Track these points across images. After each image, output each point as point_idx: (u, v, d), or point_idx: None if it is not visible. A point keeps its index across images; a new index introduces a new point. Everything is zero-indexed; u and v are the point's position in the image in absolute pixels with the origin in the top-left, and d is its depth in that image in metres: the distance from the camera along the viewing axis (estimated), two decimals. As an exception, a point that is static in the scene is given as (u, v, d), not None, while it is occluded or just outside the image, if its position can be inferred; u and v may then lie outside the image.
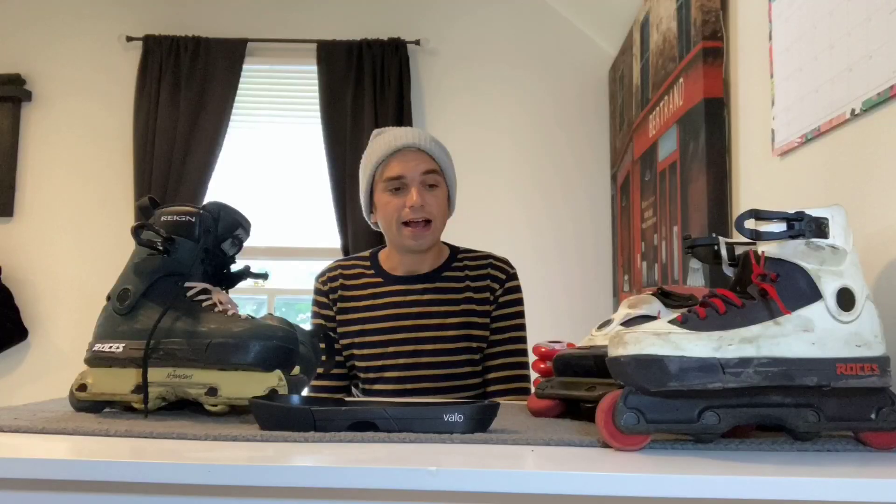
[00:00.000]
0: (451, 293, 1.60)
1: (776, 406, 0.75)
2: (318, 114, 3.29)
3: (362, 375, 1.62)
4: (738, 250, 0.88)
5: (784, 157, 1.43)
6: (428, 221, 1.55)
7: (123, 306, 1.02)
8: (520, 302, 1.65)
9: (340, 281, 1.66)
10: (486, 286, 1.62)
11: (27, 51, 3.41)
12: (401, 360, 1.57)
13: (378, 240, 3.15)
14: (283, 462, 0.66)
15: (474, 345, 1.59)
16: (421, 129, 1.61)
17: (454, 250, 1.68)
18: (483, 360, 1.61)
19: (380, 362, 1.58)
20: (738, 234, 0.79)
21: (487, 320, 1.61)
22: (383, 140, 1.59)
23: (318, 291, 1.68)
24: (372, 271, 1.66)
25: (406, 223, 1.54)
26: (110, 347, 1.00)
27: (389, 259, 1.66)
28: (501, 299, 1.62)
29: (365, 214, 1.68)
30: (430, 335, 1.57)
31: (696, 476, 0.62)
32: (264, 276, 1.15)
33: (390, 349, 1.58)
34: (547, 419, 1.03)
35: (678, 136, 2.13)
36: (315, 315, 1.68)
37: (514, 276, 1.66)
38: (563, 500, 0.67)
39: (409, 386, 1.57)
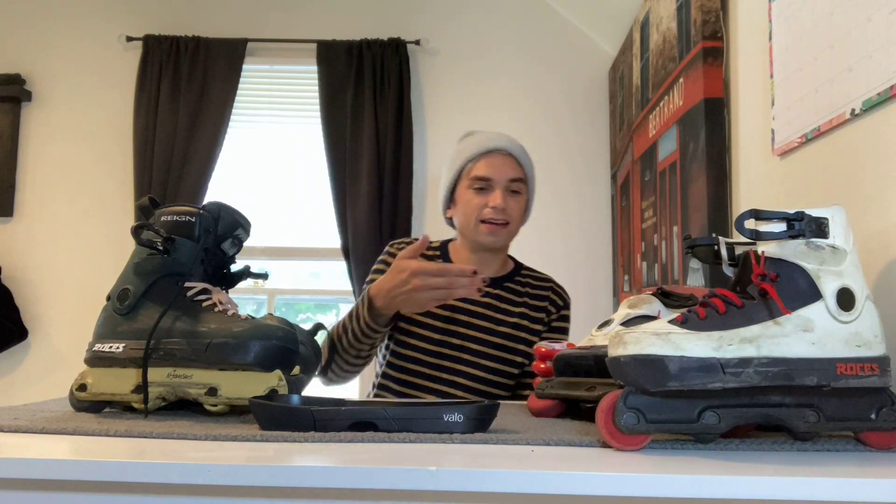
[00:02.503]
0: (509, 304, 1.63)
1: (776, 406, 0.75)
2: (318, 114, 3.29)
3: (401, 351, 1.60)
4: (738, 250, 0.88)
5: (784, 157, 1.43)
6: (505, 223, 1.59)
7: (123, 306, 1.02)
8: (567, 331, 1.71)
9: None
10: (544, 307, 1.66)
11: (27, 51, 3.41)
12: (444, 349, 1.58)
13: (379, 240, 3.15)
14: (283, 462, 0.66)
15: (518, 358, 1.61)
16: (512, 136, 1.65)
17: (518, 265, 1.72)
18: (520, 375, 1.63)
19: (424, 344, 1.59)
20: (738, 234, 0.79)
21: (536, 339, 1.64)
22: (475, 140, 1.63)
23: (390, 255, 1.67)
24: (440, 261, 1.67)
25: (483, 221, 1.58)
26: (110, 347, 1.00)
27: (458, 255, 1.67)
28: (554, 324, 1.67)
29: (442, 209, 1.70)
30: (479, 336, 1.59)
31: (696, 476, 0.62)
32: (264, 276, 1.15)
33: (436, 336, 1.58)
34: (547, 419, 1.03)
35: (678, 136, 2.13)
36: (377, 272, 1.65)
37: (568, 306, 1.72)
38: (563, 500, 0.67)
39: (444, 375, 1.57)
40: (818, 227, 0.78)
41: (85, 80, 3.40)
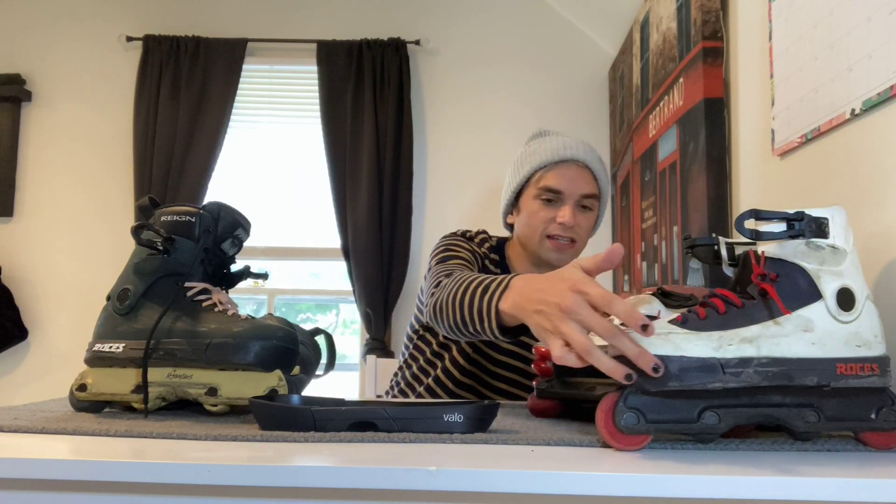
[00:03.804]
0: None
1: (776, 406, 0.75)
2: (318, 114, 3.29)
3: (468, 351, 1.55)
4: (738, 250, 0.88)
5: (784, 157, 1.43)
6: (572, 241, 1.50)
7: (123, 306, 1.02)
8: None
9: (483, 257, 1.58)
10: None
11: (27, 51, 3.41)
12: (509, 358, 1.54)
13: (379, 240, 3.15)
14: (283, 462, 0.66)
15: None
16: (588, 143, 1.55)
17: None
18: None
19: (491, 350, 1.55)
20: (738, 234, 0.79)
21: None
22: (550, 145, 1.51)
23: (469, 239, 1.56)
24: (498, 270, 1.59)
25: (549, 236, 1.50)
26: (110, 347, 1.00)
27: (517, 262, 1.59)
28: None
29: (503, 213, 1.61)
30: (526, 353, 1.55)
31: (696, 476, 0.62)
32: (264, 276, 1.15)
33: (482, 345, 1.54)
34: (547, 419, 1.03)
35: (678, 136, 2.13)
36: (457, 248, 1.49)
37: None
38: (563, 500, 0.67)
39: (483, 378, 1.54)
40: (818, 227, 0.78)
41: (85, 80, 3.40)
